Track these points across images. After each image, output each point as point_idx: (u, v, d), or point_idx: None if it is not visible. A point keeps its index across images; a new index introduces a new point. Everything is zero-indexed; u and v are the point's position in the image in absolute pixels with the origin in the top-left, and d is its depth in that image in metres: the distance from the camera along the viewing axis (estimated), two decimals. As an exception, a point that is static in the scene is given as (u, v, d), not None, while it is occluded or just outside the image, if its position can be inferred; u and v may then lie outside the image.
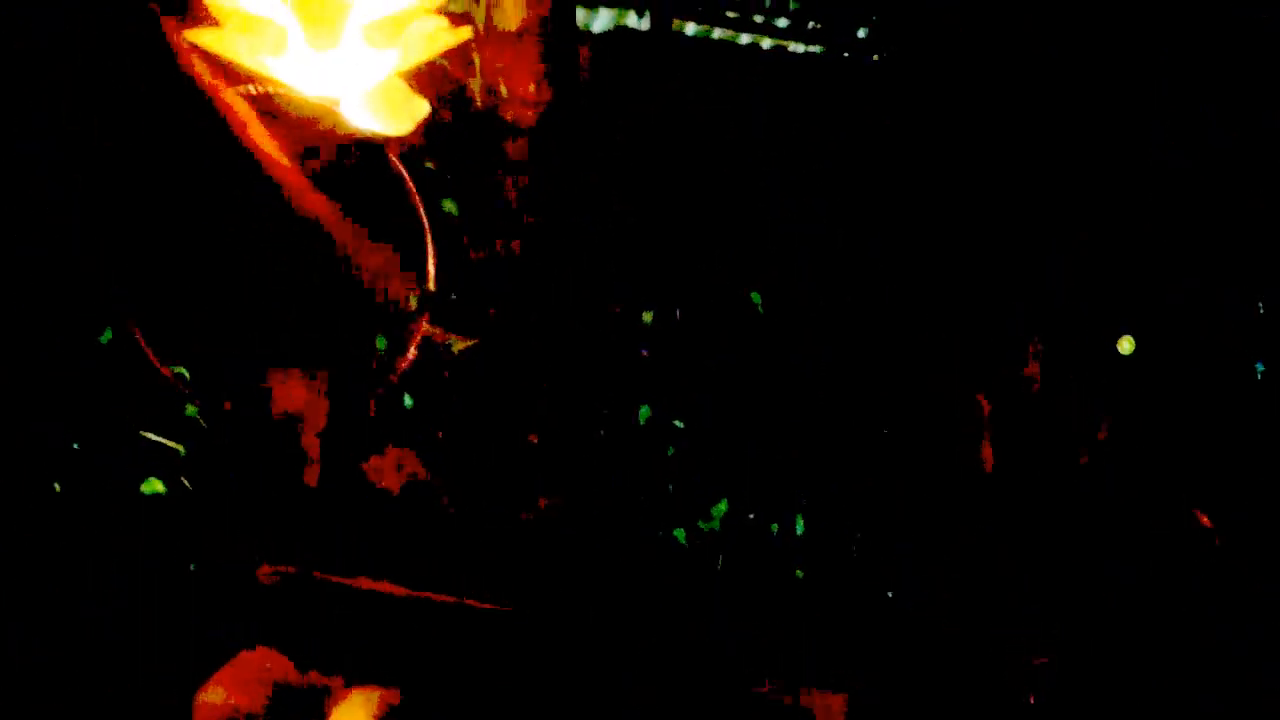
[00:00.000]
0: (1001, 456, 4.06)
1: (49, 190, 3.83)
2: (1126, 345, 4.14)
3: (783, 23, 4.71)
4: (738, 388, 4.18)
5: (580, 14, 4.66)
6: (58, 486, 3.63)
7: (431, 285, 3.66)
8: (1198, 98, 4.40)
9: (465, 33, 3.02)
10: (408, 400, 3.79)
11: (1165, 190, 4.38)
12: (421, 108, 3.09)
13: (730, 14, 4.66)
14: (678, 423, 4.24)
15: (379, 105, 3.05)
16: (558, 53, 3.75)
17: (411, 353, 3.63)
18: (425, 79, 3.28)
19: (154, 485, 3.65)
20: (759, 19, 4.67)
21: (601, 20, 4.67)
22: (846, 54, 4.63)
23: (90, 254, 3.63)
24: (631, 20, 4.66)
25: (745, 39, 4.74)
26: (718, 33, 4.71)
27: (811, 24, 4.69)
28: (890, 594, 3.88)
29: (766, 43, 4.74)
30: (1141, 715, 3.61)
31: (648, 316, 4.39)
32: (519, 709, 3.27)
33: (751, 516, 4.22)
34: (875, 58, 4.61)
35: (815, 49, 4.71)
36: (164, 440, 3.71)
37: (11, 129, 4.00)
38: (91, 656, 3.24)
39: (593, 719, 3.32)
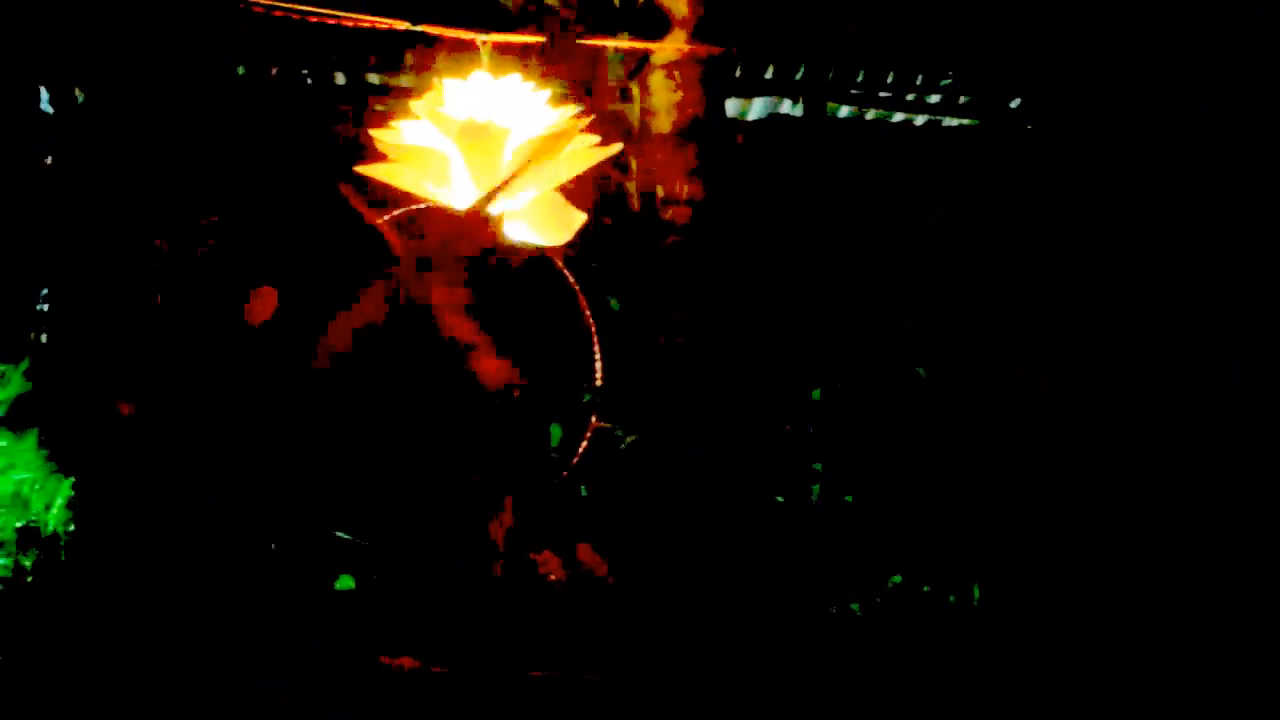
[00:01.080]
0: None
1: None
2: None
3: (934, 98, 4.78)
4: (900, 455, 4.24)
5: (736, 104, 4.81)
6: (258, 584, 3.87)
7: (599, 381, 3.83)
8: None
9: (615, 148, 3.17)
10: (582, 490, 3.95)
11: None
12: (577, 219, 3.26)
13: (883, 94, 4.75)
14: (848, 497, 4.31)
15: (538, 220, 3.22)
16: (710, 152, 3.90)
17: (583, 446, 3.79)
18: (585, 183, 3.44)
19: (346, 581, 3.86)
20: (911, 97, 4.75)
21: (756, 109, 4.80)
22: (999, 125, 4.68)
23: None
24: (786, 107, 4.78)
25: (898, 117, 4.82)
26: (871, 113, 4.80)
27: (964, 98, 4.75)
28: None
29: (920, 119, 4.82)
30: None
31: (816, 393, 4.48)
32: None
33: (927, 589, 4.26)
34: (1029, 126, 4.65)
35: (968, 122, 4.77)
36: (353, 539, 3.92)
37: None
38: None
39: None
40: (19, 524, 4.30)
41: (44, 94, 4.86)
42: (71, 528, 4.20)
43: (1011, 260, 4.37)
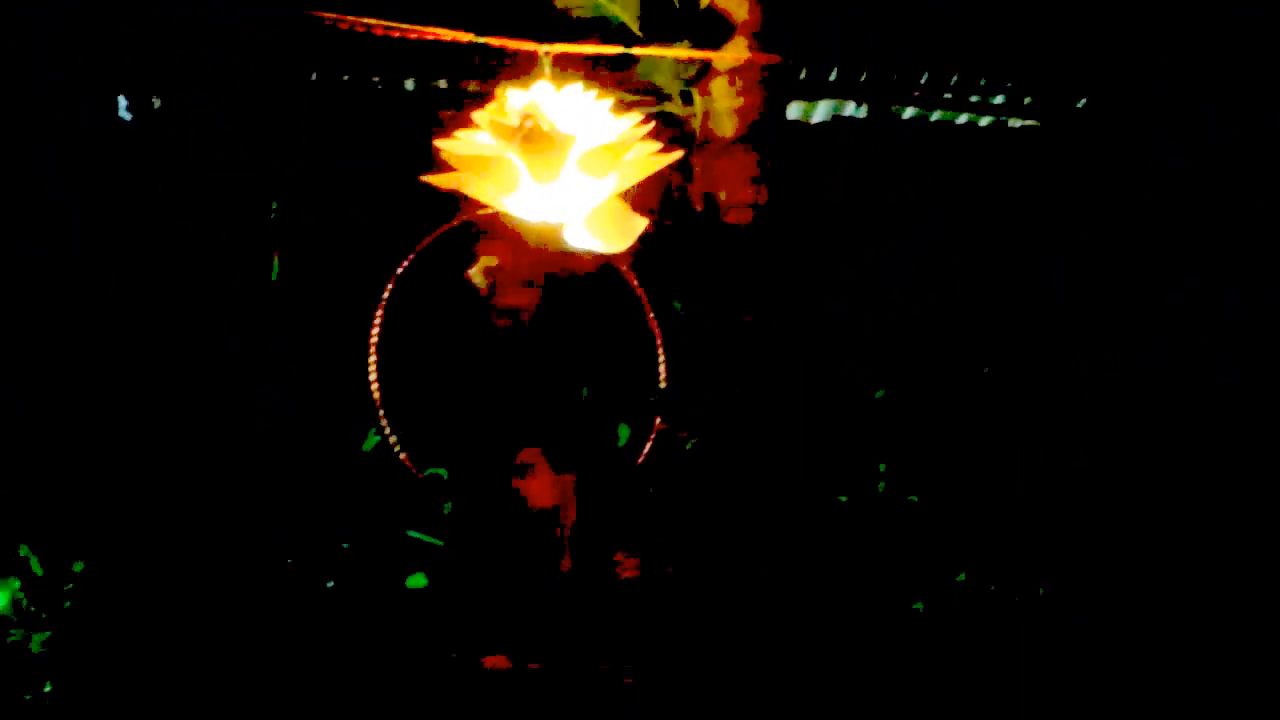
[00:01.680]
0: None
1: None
2: None
3: (999, 99, 4.78)
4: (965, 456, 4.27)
5: (800, 107, 4.84)
6: (331, 584, 3.97)
7: (663, 384, 3.88)
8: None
9: (675, 155, 3.20)
10: (646, 493, 4.01)
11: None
12: (639, 225, 3.29)
13: (947, 95, 4.76)
14: (913, 497, 4.34)
15: (599, 226, 3.26)
16: (772, 156, 3.93)
17: (647, 449, 3.85)
18: (647, 189, 3.49)
19: (418, 580, 3.95)
20: (975, 98, 4.76)
21: (820, 112, 4.84)
22: (1064, 126, 4.68)
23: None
24: (850, 109, 4.81)
25: (963, 118, 4.84)
26: (935, 115, 4.82)
27: (1028, 99, 4.76)
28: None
29: (984, 120, 4.83)
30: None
31: (880, 393, 4.51)
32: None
33: (993, 588, 4.28)
34: (1093, 127, 4.64)
35: (1032, 123, 4.78)
36: (425, 537, 4.01)
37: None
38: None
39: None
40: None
41: (122, 102, 4.97)
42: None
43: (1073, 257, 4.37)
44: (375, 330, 3.94)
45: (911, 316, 4.57)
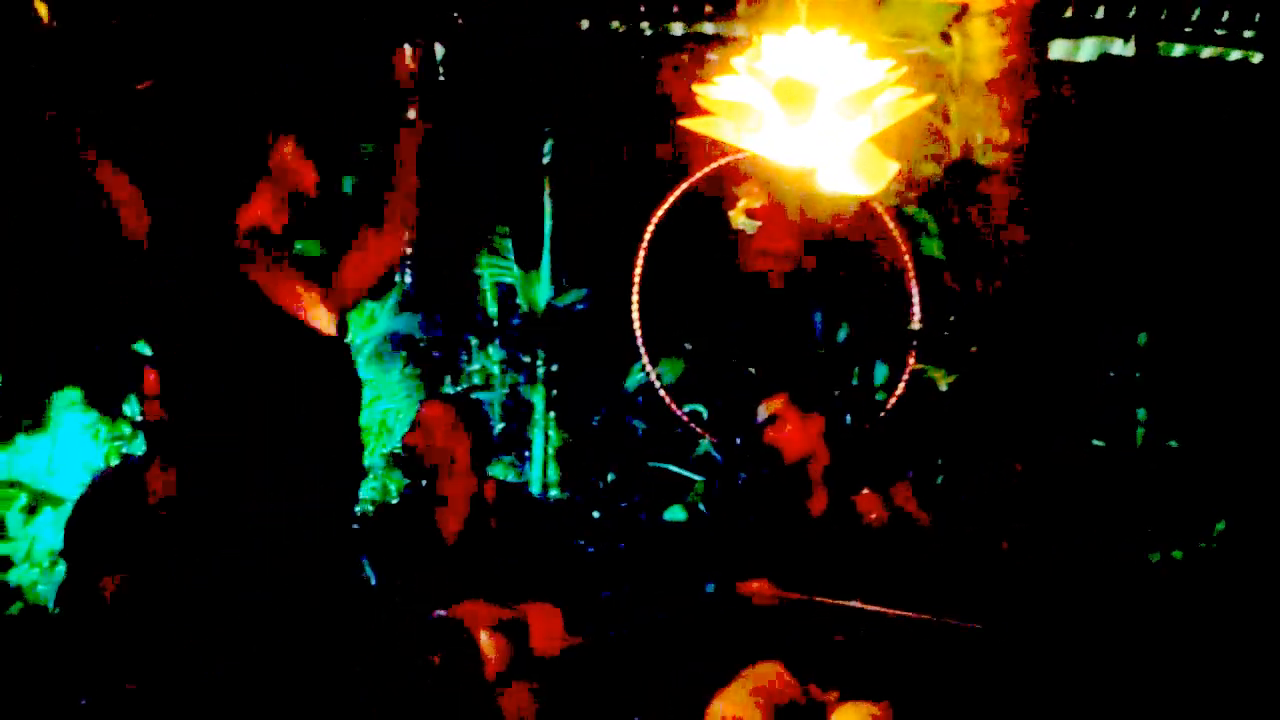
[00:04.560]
0: None
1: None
2: None
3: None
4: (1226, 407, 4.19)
5: (1065, 45, 4.77)
6: (596, 514, 4.16)
7: (917, 324, 3.93)
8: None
9: (928, 99, 3.22)
10: (898, 433, 4.06)
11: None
12: (891, 168, 3.32)
13: (1219, 31, 4.62)
14: (1172, 443, 4.28)
15: (852, 170, 3.30)
16: (1031, 99, 3.91)
17: (900, 388, 3.90)
18: (903, 132, 3.51)
19: (676, 512, 4.10)
20: (1249, 34, 4.60)
21: (1086, 50, 4.75)
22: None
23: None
24: (1117, 47, 4.71)
25: (1235, 55, 4.68)
26: (1206, 52, 4.68)
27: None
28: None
29: (1257, 57, 4.67)
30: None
31: (1142, 338, 4.44)
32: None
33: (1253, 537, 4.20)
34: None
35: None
36: (684, 472, 4.15)
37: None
38: (618, 667, 3.66)
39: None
40: (384, 450, 4.71)
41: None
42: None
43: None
44: (638, 270, 4.08)
45: (1170, 264, 4.49)
